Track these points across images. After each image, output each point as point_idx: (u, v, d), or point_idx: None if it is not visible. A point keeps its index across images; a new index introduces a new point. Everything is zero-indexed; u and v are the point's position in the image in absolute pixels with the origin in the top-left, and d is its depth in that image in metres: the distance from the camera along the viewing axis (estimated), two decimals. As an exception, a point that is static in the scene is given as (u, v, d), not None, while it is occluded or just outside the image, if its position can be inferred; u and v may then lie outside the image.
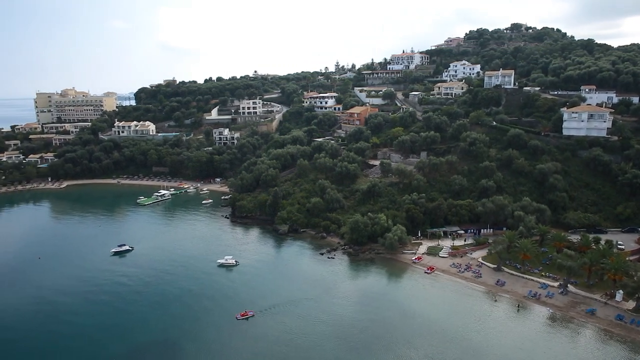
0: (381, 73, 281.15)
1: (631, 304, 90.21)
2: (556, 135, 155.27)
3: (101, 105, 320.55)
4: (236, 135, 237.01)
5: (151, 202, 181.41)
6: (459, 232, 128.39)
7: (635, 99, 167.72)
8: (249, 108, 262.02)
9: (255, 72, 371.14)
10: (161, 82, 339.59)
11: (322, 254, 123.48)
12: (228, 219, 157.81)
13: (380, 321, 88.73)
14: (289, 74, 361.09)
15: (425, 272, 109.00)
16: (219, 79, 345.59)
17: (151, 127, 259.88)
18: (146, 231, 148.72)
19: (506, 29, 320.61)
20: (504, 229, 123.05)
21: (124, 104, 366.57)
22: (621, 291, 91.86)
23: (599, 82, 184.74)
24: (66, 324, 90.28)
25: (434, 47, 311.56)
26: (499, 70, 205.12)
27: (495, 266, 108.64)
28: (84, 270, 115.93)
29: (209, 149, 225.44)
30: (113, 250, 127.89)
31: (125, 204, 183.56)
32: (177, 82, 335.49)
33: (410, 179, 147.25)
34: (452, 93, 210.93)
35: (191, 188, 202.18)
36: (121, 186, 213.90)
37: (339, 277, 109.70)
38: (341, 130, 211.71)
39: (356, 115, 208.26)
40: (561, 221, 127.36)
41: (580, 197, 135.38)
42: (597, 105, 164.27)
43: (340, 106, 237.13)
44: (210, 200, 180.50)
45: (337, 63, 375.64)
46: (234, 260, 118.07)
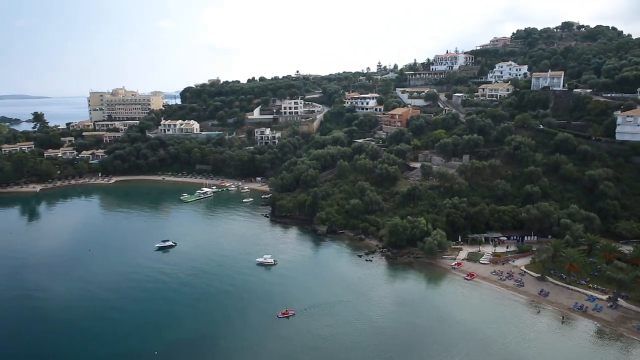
0: (424, 74, 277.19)
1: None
2: (608, 140, 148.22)
3: (149, 104, 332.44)
4: (277, 134, 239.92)
5: (194, 199, 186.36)
6: (501, 238, 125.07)
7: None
8: (290, 108, 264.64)
9: (297, 72, 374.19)
10: (205, 81, 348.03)
11: (360, 256, 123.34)
12: (268, 218, 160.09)
13: (416, 326, 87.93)
14: (330, 74, 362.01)
15: (465, 279, 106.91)
16: (262, 78, 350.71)
17: (195, 125, 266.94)
18: (188, 228, 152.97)
19: (556, 27, 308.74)
20: (549, 237, 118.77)
21: (170, 102, 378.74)
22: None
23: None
24: (113, 315, 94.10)
25: (478, 48, 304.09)
26: (548, 71, 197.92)
27: (539, 275, 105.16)
28: (130, 264, 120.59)
29: (251, 148, 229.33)
30: (157, 245, 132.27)
31: (169, 200, 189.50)
32: (221, 82, 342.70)
33: (451, 183, 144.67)
34: (497, 95, 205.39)
35: (232, 186, 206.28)
36: (166, 183, 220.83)
37: (376, 280, 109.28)
38: (382, 132, 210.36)
39: (397, 116, 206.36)
40: (612, 231, 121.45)
41: (634, 205, 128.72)
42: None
43: (382, 107, 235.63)
44: (251, 199, 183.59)
45: (379, 63, 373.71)
46: (272, 260, 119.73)
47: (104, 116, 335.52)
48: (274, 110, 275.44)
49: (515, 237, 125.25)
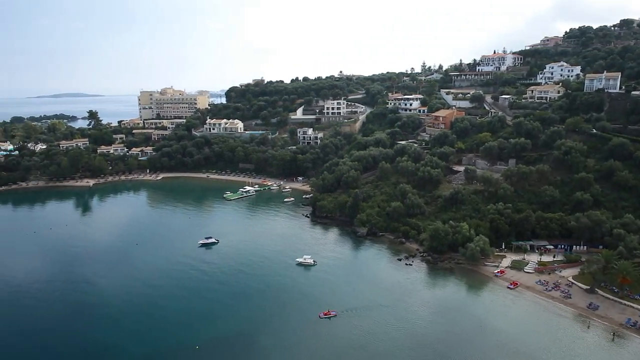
0: (469, 75, 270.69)
1: None
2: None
3: (195, 104, 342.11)
4: (319, 135, 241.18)
5: (236, 197, 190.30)
6: (547, 247, 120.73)
7: None
8: (333, 108, 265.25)
9: (341, 72, 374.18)
10: (250, 81, 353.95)
11: (399, 259, 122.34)
12: (308, 218, 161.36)
13: (456, 334, 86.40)
14: (374, 75, 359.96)
15: (508, 287, 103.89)
16: (305, 78, 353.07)
17: (239, 125, 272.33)
18: (230, 225, 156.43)
19: (614, 25, 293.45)
20: (600, 247, 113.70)
21: (215, 101, 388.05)
22: None
23: None
24: (156, 309, 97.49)
25: (528, 47, 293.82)
26: (603, 72, 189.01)
27: (588, 287, 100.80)
28: (174, 260, 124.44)
29: (293, 148, 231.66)
30: (200, 241, 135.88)
31: (213, 198, 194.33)
32: (265, 82, 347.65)
33: (496, 188, 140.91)
34: (546, 97, 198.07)
35: (274, 185, 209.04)
36: (210, 180, 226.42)
37: (416, 285, 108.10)
38: (425, 134, 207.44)
39: (441, 118, 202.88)
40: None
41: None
42: None
43: (425, 108, 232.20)
44: (292, 199, 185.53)
45: (423, 64, 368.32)
46: (312, 260, 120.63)
47: (153, 115, 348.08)
48: (317, 111, 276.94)
49: (562, 246, 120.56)
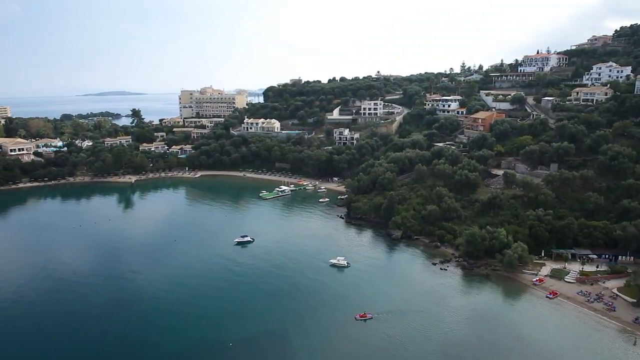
0: (511, 75, 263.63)
1: None
2: None
3: (233, 103, 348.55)
4: (356, 135, 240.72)
5: (272, 196, 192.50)
6: (590, 256, 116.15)
7: None
8: (369, 109, 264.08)
9: (378, 72, 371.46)
10: (287, 81, 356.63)
11: (434, 264, 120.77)
12: (343, 219, 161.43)
13: (490, 342, 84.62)
14: (411, 75, 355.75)
15: (547, 297, 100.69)
16: (342, 79, 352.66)
17: (276, 124, 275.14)
18: (266, 224, 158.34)
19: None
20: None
21: (253, 100, 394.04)
22: None
23: None
24: (192, 305, 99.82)
25: (574, 47, 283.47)
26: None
27: (635, 301, 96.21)
28: (210, 257, 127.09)
29: (329, 148, 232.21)
30: (236, 240, 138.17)
31: (249, 197, 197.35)
32: (302, 82, 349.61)
33: (536, 193, 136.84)
34: (593, 99, 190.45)
35: (310, 185, 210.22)
36: (246, 179, 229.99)
37: (450, 290, 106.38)
38: (463, 136, 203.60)
39: (480, 120, 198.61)
40: None
41: None
42: None
43: (464, 110, 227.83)
44: (327, 199, 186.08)
45: (462, 64, 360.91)
46: (345, 262, 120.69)
47: (193, 113, 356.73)
48: (354, 111, 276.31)
49: (607, 256, 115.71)
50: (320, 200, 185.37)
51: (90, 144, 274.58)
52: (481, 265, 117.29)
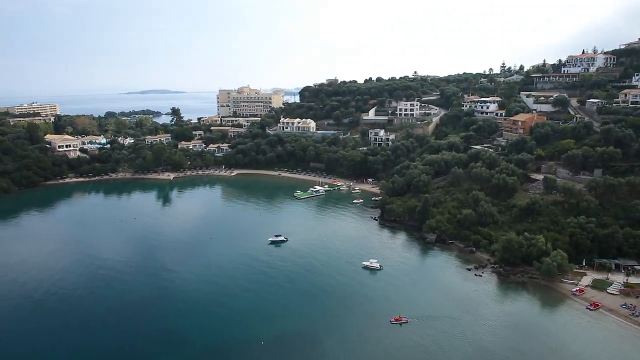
0: (553, 76, 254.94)
1: None
2: None
3: (270, 103, 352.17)
4: (391, 136, 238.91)
5: (306, 196, 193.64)
6: (636, 267, 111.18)
7: None
8: (405, 109, 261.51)
9: (415, 72, 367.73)
10: (323, 80, 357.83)
11: (469, 269, 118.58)
12: (376, 220, 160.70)
13: (524, 353, 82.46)
14: (449, 75, 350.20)
15: (587, 308, 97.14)
16: (379, 79, 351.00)
17: (312, 124, 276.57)
18: (299, 224, 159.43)
19: None
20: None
21: (289, 100, 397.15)
22: None
23: None
24: (225, 303, 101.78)
25: (623, 46, 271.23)
26: None
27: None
28: (244, 255, 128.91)
29: (364, 149, 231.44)
30: (270, 239, 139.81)
31: (283, 196, 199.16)
32: (339, 82, 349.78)
33: (578, 199, 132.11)
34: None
35: (344, 186, 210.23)
36: (281, 178, 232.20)
37: (485, 297, 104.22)
38: (502, 139, 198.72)
39: (520, 123, 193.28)
40: None
41: None
42: None
43: (503, 112, 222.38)
44: (361, 200, 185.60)
45: (502, 64, 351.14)
46: (378, 264, 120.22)
47: (230, 112, 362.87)
48: (389, 112, 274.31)
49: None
50: (354, 201, 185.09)
51: (132, 141, 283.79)
52: (518, 273, 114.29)
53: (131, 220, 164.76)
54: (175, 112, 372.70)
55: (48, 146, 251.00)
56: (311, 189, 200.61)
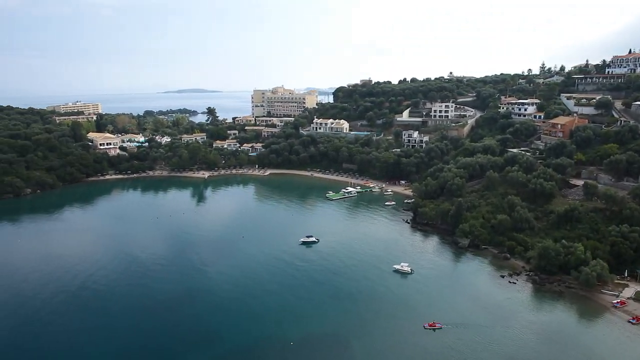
0: (597, 77, 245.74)
1: None
2: None
3: (303, 103, 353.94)
4: (425, 138, 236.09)
5: (338, 197, 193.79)
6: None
7: None
8: (440, 111, 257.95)
9: (451, 73, 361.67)
10: (357, 81, 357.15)
11: (502, 276, 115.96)
12: (408, 223, 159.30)
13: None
14: (486, 76, 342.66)
15: (629, 322, 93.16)
16: (413, 80, 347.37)
17: (345, 125, 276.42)
18: (331, 225, 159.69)
19: None
20: None
21: (323, 100, 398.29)
22: None
23: None
24: (255, 302, 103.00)
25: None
26: None
27: None
28: (275, 255, 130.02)
29: (397, 150, 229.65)
30: (301, 240, 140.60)
31: (315, 197, 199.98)
32: (372, 82, 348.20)
33: (620, 207, 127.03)
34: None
35: (376, 188, 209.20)
36: (313, 179, 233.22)
37: (518, 306, 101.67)
38: (540, 142, 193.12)
39: (560, 126, 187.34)
40: None
41: None
42: None
43: (542, 114, 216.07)
44: (393, 202, 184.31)
45: (542, 64, 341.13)
46: (409, 268, 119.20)
47: (264, 112, 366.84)
48: (424, 113, 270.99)
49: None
50: (386, 203, 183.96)
51: (169, 140, 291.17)
52: (554, 282, 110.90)
53: (167, 217, 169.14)
54: (210, 111, 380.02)
55: (90, 144, 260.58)
56: (343, 190, 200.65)
